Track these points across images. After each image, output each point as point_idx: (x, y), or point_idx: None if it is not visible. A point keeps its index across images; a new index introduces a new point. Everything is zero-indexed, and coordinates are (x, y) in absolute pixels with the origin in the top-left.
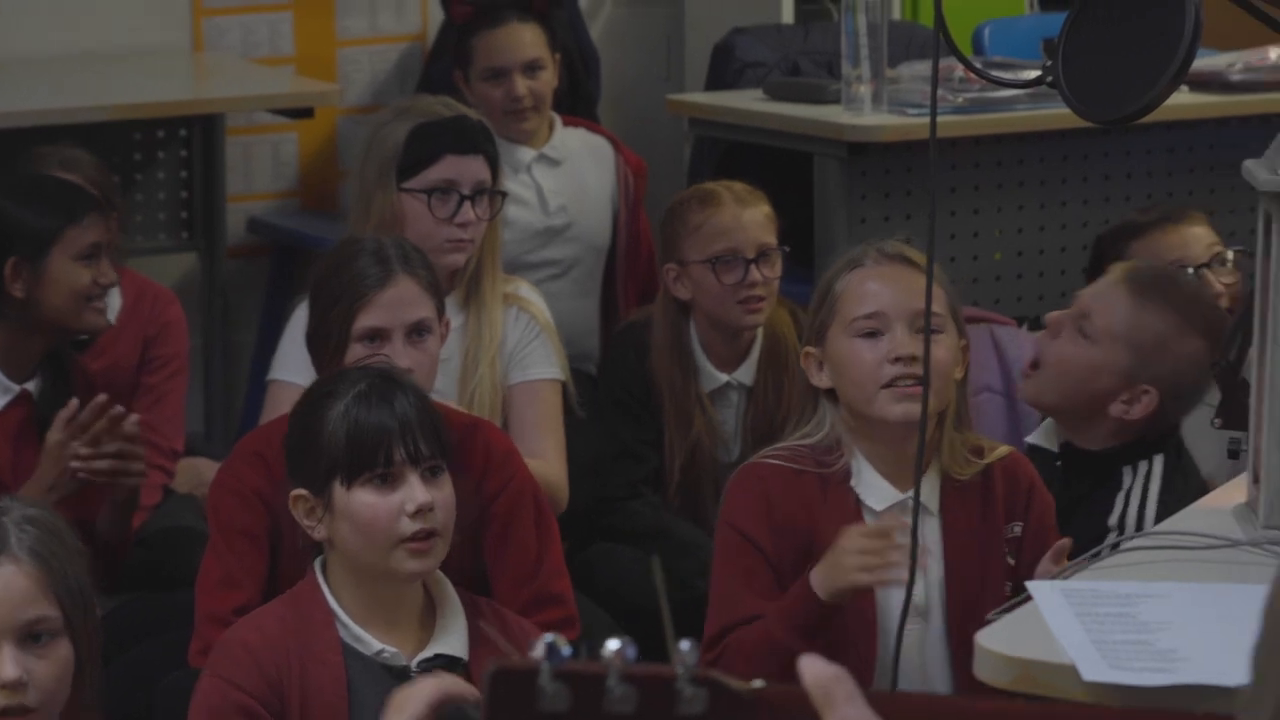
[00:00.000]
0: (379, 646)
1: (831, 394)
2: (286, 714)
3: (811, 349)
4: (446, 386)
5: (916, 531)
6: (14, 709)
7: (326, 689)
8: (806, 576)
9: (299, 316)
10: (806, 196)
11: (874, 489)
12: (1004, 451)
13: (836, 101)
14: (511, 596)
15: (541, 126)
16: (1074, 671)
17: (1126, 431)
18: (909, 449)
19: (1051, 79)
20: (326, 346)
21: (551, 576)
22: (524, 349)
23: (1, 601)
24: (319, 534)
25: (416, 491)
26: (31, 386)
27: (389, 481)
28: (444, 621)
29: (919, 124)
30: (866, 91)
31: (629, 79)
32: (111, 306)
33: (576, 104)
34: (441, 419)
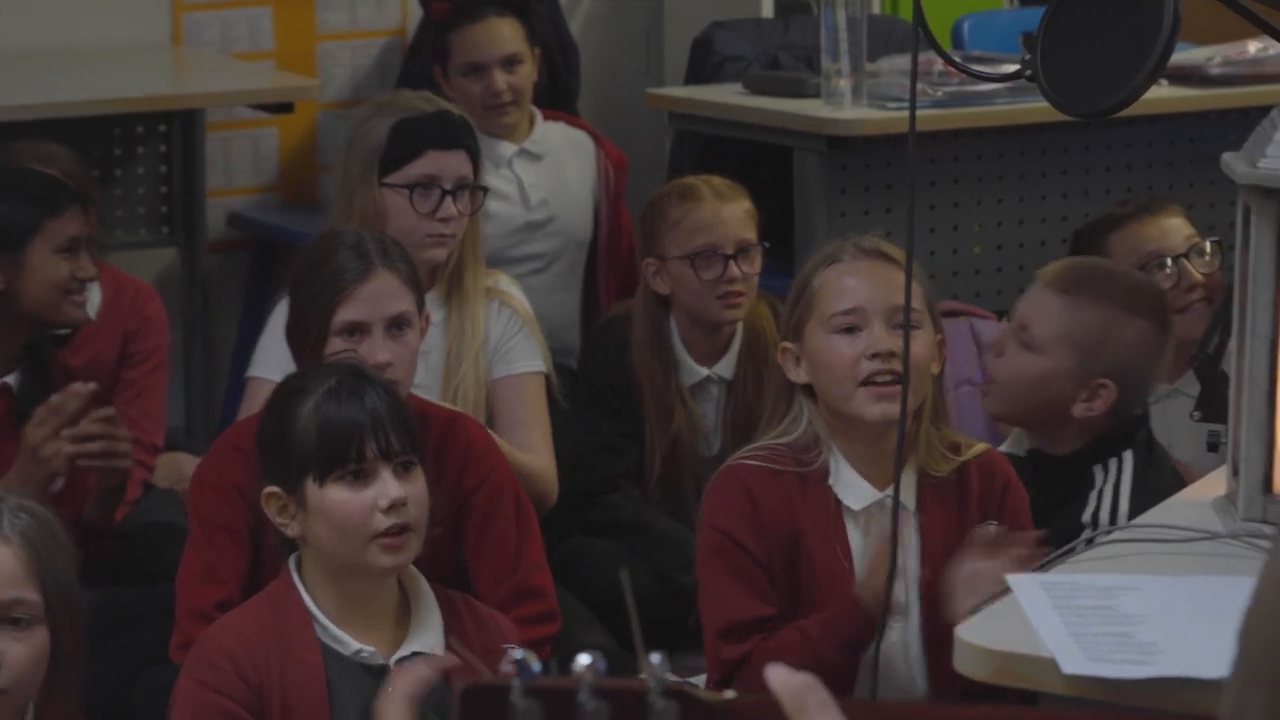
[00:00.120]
0: (357, 646)
1: (809, 389)
2: (268, 716)
3: (789, 344)
4: (428, 381)
5: (896, 530)
6: None
7: (307, 690)
8: (852, 591)
9: (279, 313)
10: (786, 190)
11: (852, 488)
12: (980, 449)
13: (816, 95)
14: (492, 590)
15: (521, 121)
16: (1054, 664)
17: (1095, 429)
18: (886, 446)
19: (1030, 73)
20: (306, 340)
21: (532, 570)
22: (507, 343)
23: None
24: (292, 531)
25: (389, 487)
26: (11, 380)
27: (361, 477)
28: (419, 618)
29: (898, 118)
30: (846, 85)
31: (608, 73)
32: (91, 301)
33: (556, 98)
34: (412, 414)
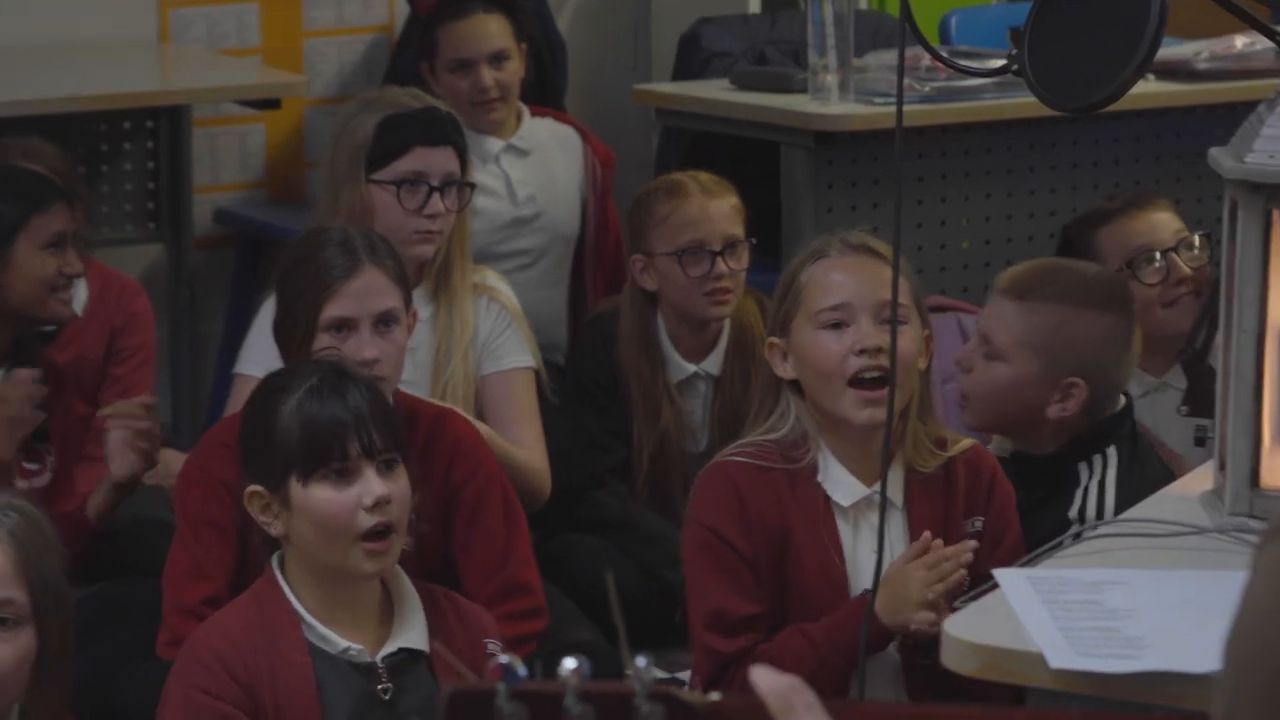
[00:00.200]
0: (344, 644)
1: (796, 385)
2: (261, 716)
3: (776, 340)
4: (417, 378)
5: (884, 526)
6: None
7: (296, 689)
8: (862, 596)
9: (266, 309)
10: (773, 186)
11: (840, 485)
12: (967, 444)
13: (803, 91)
14: (479, 586)
15: (509, 117)
16: (1041, 659)
17: (1073, 428)
18: (874, 444)
19: (1018, 68)
20: (293, 337)
21: (520, 566)
22: (496, 339)
23: None
24: (275, 530)
25: (373, 485)
26: None
27: (345, 476)
28: (403, 615)
29: (886, 113)
30: (833, 81)
31: (596, 69)
32: (78, 298)
33: (543, 94)
34: (394, 411)
